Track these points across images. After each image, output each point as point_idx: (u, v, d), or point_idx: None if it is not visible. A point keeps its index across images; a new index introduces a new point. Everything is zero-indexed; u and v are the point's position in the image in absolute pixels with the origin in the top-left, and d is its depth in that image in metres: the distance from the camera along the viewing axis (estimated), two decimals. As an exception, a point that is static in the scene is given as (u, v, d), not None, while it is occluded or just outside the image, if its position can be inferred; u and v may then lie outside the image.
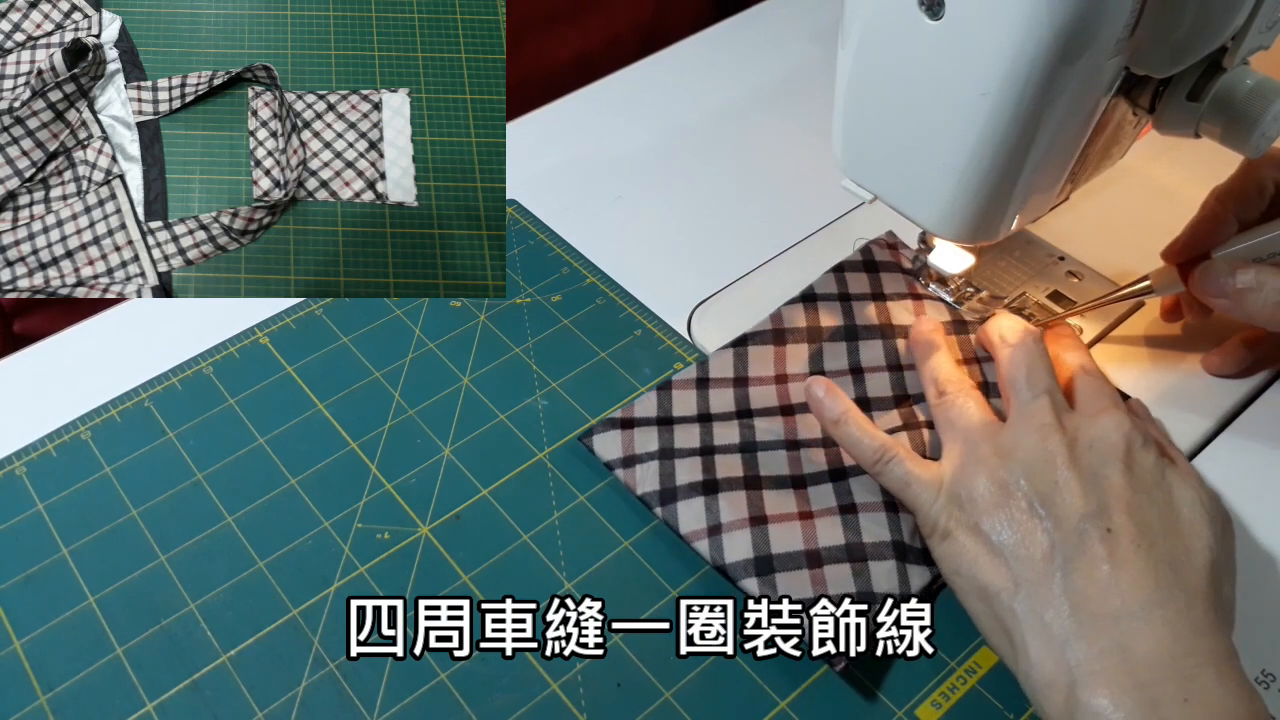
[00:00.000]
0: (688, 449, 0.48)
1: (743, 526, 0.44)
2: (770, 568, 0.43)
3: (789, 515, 0.45)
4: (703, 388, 0.50)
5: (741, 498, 0.46)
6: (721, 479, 0.46)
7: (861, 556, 0.44)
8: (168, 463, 0.49)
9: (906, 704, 0.41)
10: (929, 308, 0.54)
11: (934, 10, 0.39)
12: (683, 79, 0.72)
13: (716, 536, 0.44)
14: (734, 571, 0.43)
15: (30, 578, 0.45)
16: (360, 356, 0.54)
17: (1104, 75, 0.40)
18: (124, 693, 0.42)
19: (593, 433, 0.49)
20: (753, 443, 0.48)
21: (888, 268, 0.55)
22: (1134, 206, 0.60)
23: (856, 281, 0.54)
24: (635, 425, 0.49)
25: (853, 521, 0.45)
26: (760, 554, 0.43)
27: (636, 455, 0.48)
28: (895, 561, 0.44)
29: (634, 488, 0.47)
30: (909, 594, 0.43)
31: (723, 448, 0.48)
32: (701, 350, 0.54)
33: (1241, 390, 0.51)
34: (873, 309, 0.53)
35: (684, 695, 0.41)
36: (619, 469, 0.48)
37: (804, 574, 0.43)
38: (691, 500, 0.46)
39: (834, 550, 0.44)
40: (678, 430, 0.48)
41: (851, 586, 0.43)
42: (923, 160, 0.44)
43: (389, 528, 0.47)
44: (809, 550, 0.44)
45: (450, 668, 0.42)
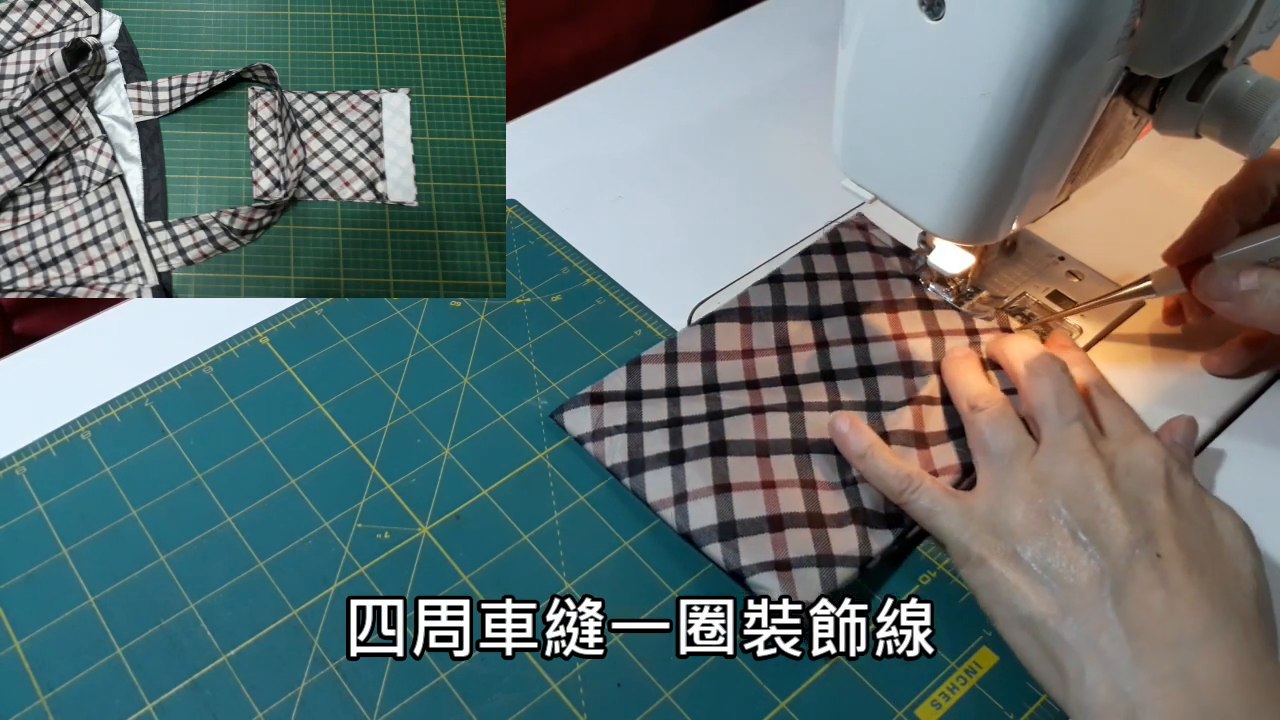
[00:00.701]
0: (656, 421, 0.49)
1: (707, 495, 0.45)
2: (734, 533, 0.44)
3: (753, 484, 0.46)
4: (671, 362, 0.51)
5: (707, 467, 0.47)
6: (688, 449, 0.47)
7: (821, 523, 0.45)
8: (168, 463, 0.49)
9: (906, 704, 0.41)
10: (894, 286, 0.55)
11: (934, 10, 0.39)
12: (683, 79, 0.72)
13: (682, 504, 0.45)
14: (699, 538, 0.44)
15: (30, 578, 0.45)
16: (360, 356, 0.54)
17: (1104, 75, 0.40)
18: (124, 693, 0.42)
19: (564, 408, 0.50)
20: (719, 415, 0.49)
21: (855, 248, 0.57)
22: (1134, 206, 0.60)
23: (823, 263, 0.56)
24: (605, 400, 0.50)
25: (813, 495, 0.46)
26: (724, 520, 0.45)
27: (605, 429, 0.49)
28: (856, 526, 0.45)
29: (603, 459, 0.48)
30: (869, 557, 0.44)
31: (690, 420, 0.49)
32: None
33: (1241, 390, 0.51)
34: (838, 287, 0.55)
35: (684, 695, 0.41)
36: (589, 442, 0.49)
37: (765, 538, 0.44)
38: (659, 470, 0.47)
39: (796, 516, 0.45)
40: (646, 404, 0.50)
41: (812, 549, 0.44)
42: (923, 160, 0.44)
43: (389, 528, 0.47)
44: (771, 515, 0.45)
45: (450, 668, 0.42)
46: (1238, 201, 0.49)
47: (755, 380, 0.51)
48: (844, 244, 0.57)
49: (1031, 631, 0.39)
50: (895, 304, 0.54)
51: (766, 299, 0.54)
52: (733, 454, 0.47)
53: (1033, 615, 0.39)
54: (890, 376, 0.51)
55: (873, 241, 0.57)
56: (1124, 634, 0.37)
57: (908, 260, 0.56)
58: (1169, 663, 0.36)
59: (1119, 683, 0.37)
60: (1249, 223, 0.49)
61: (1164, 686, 0.36)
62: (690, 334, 0.53)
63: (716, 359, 0.52)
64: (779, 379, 0.51)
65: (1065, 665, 0.38)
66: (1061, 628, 0.38)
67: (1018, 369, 0.47)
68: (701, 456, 0.47)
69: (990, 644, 0.43)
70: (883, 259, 0.56)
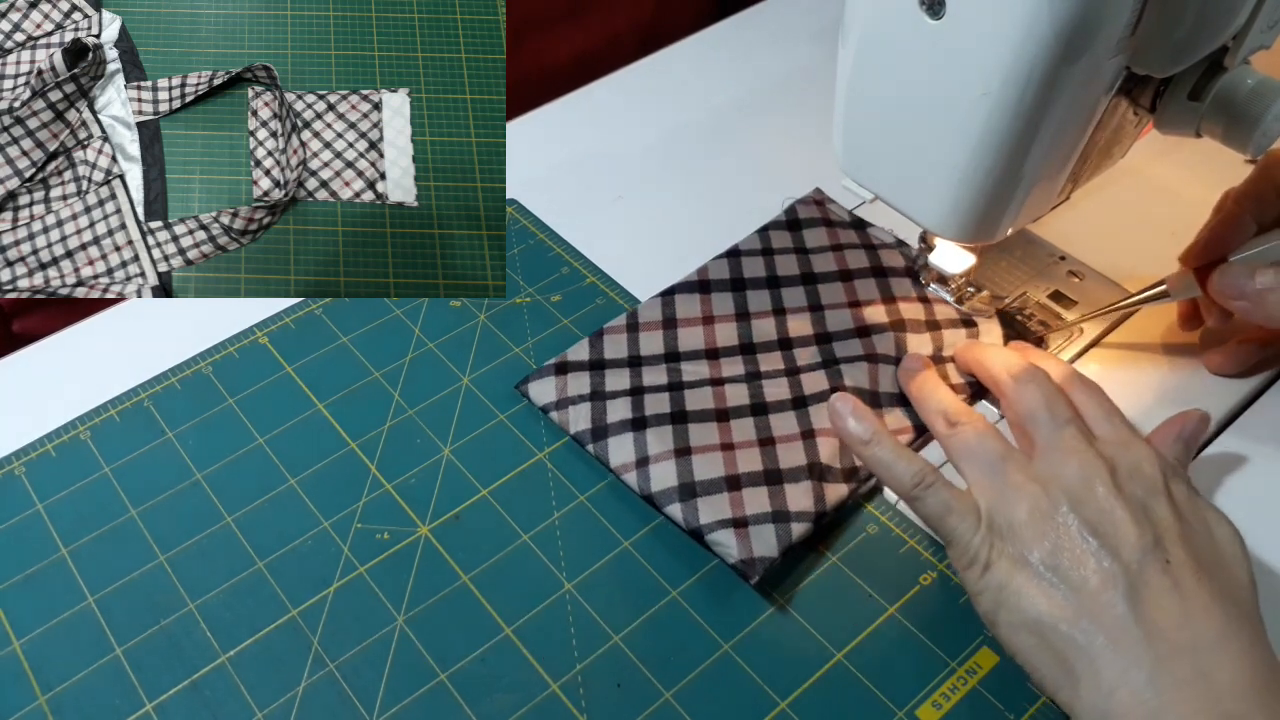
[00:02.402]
0: (618, 390, 0.50)
1: (668, 458, 0.47)
2: (693, 493, 0.46)
3: (712, 446, 0.48)
4: (632, 332, 0.53)
5: (668, 433, 0.48)
6: (649, 416, 0.49)
7: (778, 480, 0.46)
8: (167, 463, 0.49)
9: (907, 704, 0.41)
10: (850, 257, 0.56)
11: (934, 9, 0.39)
12: (683, 79, 0.72)
13: (644, 468, 0.47)
14: (660, 499, 0.46)
15: (30, 578, 0.45)
16: (360, 356, 0.54)
17: (1105, 75, 0.40)
18: (123, 693, 0.41)
19: (528, 379, 0.51)
20: (680, 383, 0.51)
21: (811, 224, 0.58)
22: (1134, 206, 0.60)
23: (780, 239, 0.58)
24: (569, 370, 0.51)
25: (771, 451, 0.48)
26: (684, 481, 0.46)
27: (569, 398, 0.50)
28: (810, 481, 0.46)
29: (567, 427, 0.49)
30: (824, 512, 0.46)
31: (651, 388, 0.50)
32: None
33: (1242, 391, 0.51)
34: (795, 260, 0.56)
35: (684, 695, 0.41)
36: (553, 411, 0.50)
37: (724, 497, 0.45)
38: (622, 436, 0.48)
39: (753, 475, 0.46)
40: (609, 373, 0.51)
41: (768, 506, 0.45)
42: (923, 160, 0.44)
43: (389, 528, 0.47)
44: (729, 476, 0.46)
45: (450, 668, 0.42)
46: (1254, 201, 0.49)
47: (715, 349, 0.52)
48: (800, 220, 0.59)
49: (1040, 635, 0.39)
50: (850, 273, 0.56)
51: (725, 272, 0.56)
52: (693, 421, 0.49)
53: (1043, 618, 0.39)
54: (846, 340, 0.52)
55: (829, 216, 0.59)
56: (1142, 637, 0.37)
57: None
58: (1188, 666, 0.36)
59: (1138, 686, 0.36)
60: (1265, 223, 0.49)
61: (1185, 690, 0.36)
62: (651, 305, 0.54)
63: (677, 326, 0.53)
64: (738, 347, 0.52)
65: (1077, 668, 0.38)
66: (1074, 630, 0.38)
67: (1000, 378, 0.47)
68: (662, 424, 0.48)
69: (990, 644, 0.43)
70: (838, 232, 0.58)
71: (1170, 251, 0.51)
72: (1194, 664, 0.36)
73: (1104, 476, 0.41)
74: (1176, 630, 0.37)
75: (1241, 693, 0.36)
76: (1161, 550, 0.39)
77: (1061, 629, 0.38)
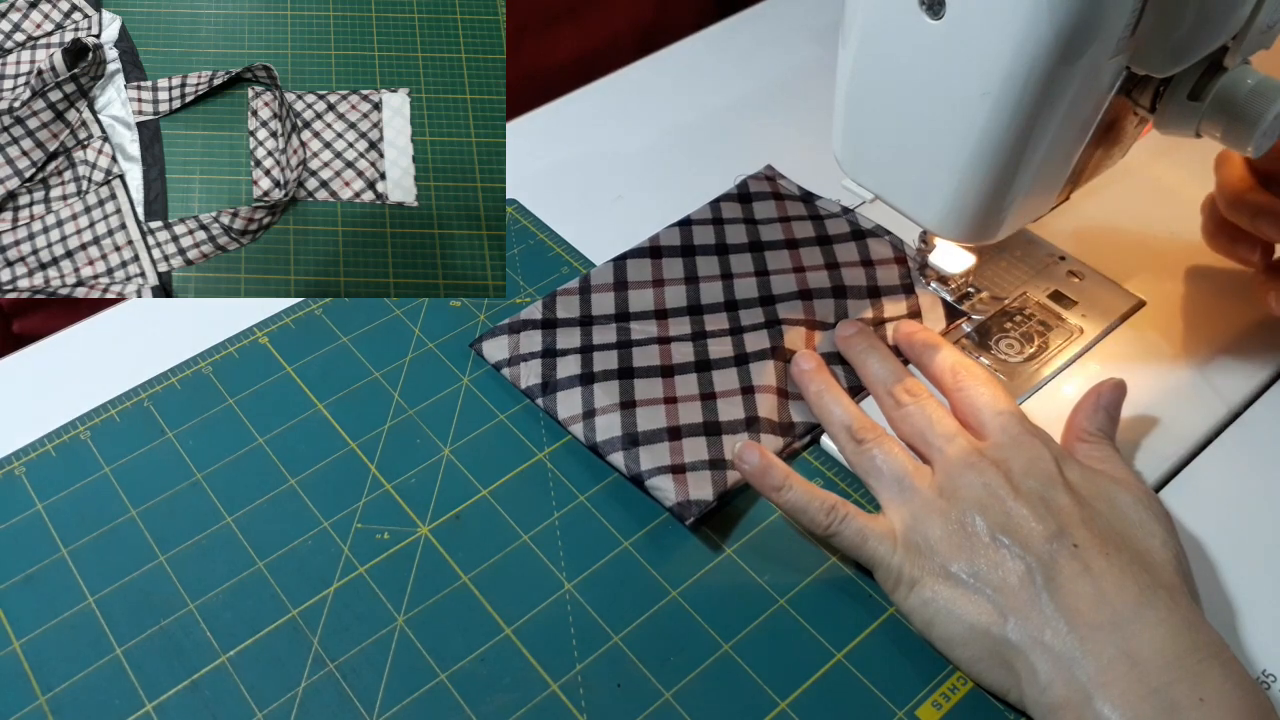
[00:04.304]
0: (569, 348, 0.52)
1: (614, 410, 0.49)
2: (635, 442, 0.48)
3: (656, 400, 0.50)
4: (585, 294, 0.55)
5: (615, 387, 0.50)
6: (598, 372, 0.51)
7: (717, 430, 0.49)
8: (167, 463, 0.49)
9: (907, 704, 0.41)
10: (796, 228, 0.58)
11: (935, 10, 0.39)
12: (683, 79, 0.72)
13: (590, 419, 0.49)
14: (604, 448, 0.48)
15: (30, 578, 0.45)
16: (360, 356, 0.54)
17: (1105, 75, 0.40)
18: (123, 693, 0.41)
19: (483, 338, 0.53)
20: (628, 341, 0.52)
21: (761, 197, 0.60)
22: (1134, 206, 0.60)
23: (730, 210, 0.60)
24: (522, 329, 0.53)
25: (711, 405, 0.50)
26: (628, 431, 0.48)
27: (522, 355, 0.52)
28: (748, 433, 0.48)
29: (519, 383, 0.51)
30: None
31: (601, 346, 0.52)
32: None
33: (1242, 391, 0.51)
34: (744, 230, 0.58)
35: (684, 695, 0.41)
36: (505, 368, 0.52)
37: (664, 445, 0.48)
38: (570, 390, 0.50)
39: (693, 426, 0.49)
40: (560, 332, 0.53)
41: (706, 455, 0.47)
42: (923, 160, 0.44)
43: (389, 528, 0.47)
44: (670, 427, 0.48)
45: (450, 668, 0.42)
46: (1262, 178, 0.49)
47: (664, 310, 0.54)
48: (751, 194, 0.60)
49: (977, 642, 0.40)
50: (797, 242, 0.57)
51: (676, 239, 0.58)
52: (639, 376, 0.51)
53: (975, 625, 0.40)
54: (789, 301, 0.54)
55: (779, 191, 0.61)
56: (1065, 624, 0.38)
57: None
58: (1111, 645, 0.37)
59: (1071, 673, 0.37)
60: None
61: (1112, 670, 0.37)
62: (604, 269, 0.56)
63: (628, 289, 0.55)
64: (685, 309, 0.54)
65: (1016, 666, 0.39)
66: (1006, 630, 0.39)
67: (884, 402, 0.48)
68: (610, 379, 0.50)
69: (991, 644, 0.43)
70: (787, 204, 0.60)
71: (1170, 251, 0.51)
72: (1116, 642, 0.37)
73: (999, 480, 0.42)
74: (1094, 611, 0.38)
75: (1166, 663, 0.37)
76: (1067, 536, 0.40)
77: (994, 632, 0.39)
